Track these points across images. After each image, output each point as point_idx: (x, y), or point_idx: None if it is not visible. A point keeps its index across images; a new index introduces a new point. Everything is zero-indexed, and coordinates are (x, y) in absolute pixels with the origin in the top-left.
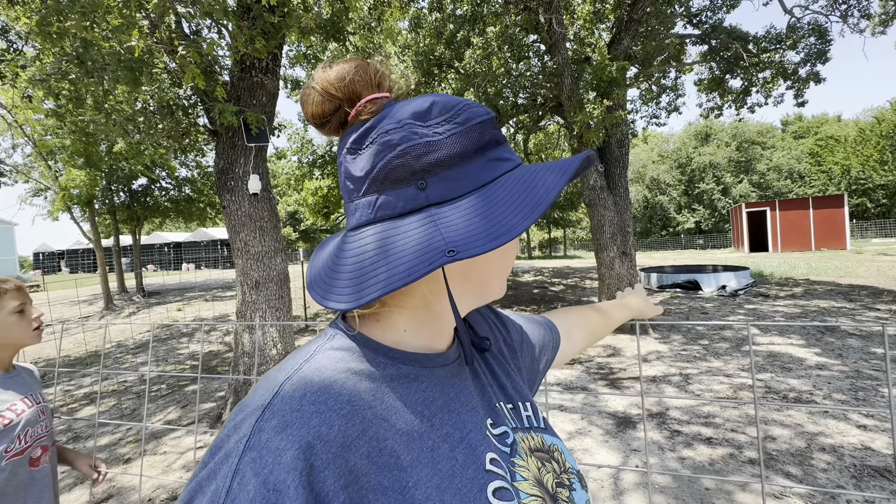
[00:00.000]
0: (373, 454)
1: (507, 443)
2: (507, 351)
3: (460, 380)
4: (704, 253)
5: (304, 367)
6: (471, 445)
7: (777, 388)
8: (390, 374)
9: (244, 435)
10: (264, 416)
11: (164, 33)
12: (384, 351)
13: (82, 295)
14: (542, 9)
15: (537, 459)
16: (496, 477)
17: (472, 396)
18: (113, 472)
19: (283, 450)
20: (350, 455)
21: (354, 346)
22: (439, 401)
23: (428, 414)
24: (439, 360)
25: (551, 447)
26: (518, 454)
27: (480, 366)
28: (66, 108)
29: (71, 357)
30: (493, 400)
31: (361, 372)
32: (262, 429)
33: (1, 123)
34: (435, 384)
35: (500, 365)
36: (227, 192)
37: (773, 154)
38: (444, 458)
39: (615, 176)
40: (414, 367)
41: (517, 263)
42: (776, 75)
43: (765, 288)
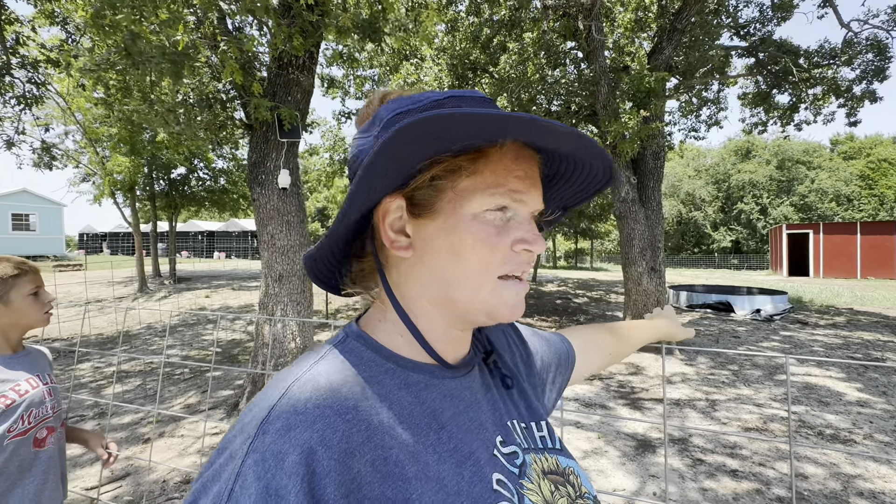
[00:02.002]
0: (377, 462)
1: (517, 463)
2: (523, 368)
3: (471, 393)
4: (739, 273)
5: (313, 368)
6: (478, 463)
7: (812, 423)
8: (399, 381)
9: (248, 437)
10: (269, 419)
11: (208, 28)
12: (395, 358)
13: (120, 276)
14: (581, 15)
15: (551, 483)
16: (503, 498)
17: (483, 412)
18: (132, 450)
19: (286, 454)
20: (353, 462)
21: (366, 351)
22: (448, 413)
23: (436, 426)
24: (450, 372)
25: (566, 470)
26: (527, 476)
27: (494, 381)
28: (115, 97)
29: (103, 335)
30: (504, 417)
31: (371, 378)
32: (267, 431)
33: (55, 110)
34: (444, 395)
35: (515, 382)
36: (257, 185)
37: (819, 175)
38: (449, 474)
39: (648, 189)
40: (424, 376)
41: (541, 273)
42: (828, 92)
43: (803, 315)
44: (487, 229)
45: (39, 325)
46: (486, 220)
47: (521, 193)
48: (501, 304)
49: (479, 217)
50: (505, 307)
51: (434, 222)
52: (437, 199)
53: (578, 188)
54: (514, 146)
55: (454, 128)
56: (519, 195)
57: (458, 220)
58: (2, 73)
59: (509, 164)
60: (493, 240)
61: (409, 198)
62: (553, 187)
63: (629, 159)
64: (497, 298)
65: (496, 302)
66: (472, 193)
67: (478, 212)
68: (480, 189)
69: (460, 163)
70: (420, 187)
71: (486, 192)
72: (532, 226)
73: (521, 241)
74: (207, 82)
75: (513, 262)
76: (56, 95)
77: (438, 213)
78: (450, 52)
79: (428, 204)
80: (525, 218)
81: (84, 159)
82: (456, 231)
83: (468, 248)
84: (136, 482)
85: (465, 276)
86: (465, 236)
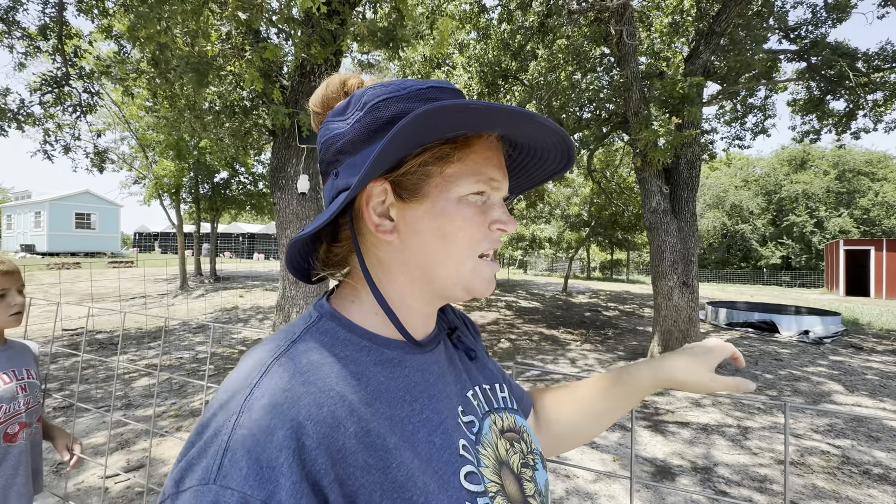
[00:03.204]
0: (360, 434)
1: (473, 431)
2: (476, 342)
3: (439, 367)
4: (790, 291)
5: (291, 348)
6: (447, 431)
7: (857, 459)
8: (374, 358)
9: (233, 412)
10: (253, 395)
11: (237, 38)
12: (368, 336)
13: (166, 274)
14: (613, 20)
15: (507, 441)
16: (467, 462)
17: (448, 384)
18: (149, 443)
19: (275, 428)
20: (339, 434)
21: (341, 330)
22: (420, 386)
23: (409, 398)
24: (420, 348)
25: (521, 428)
26: (482, 442)
27: (458, 354)
28: (162, 104)
29: (142, 330)
30: (465, 388)
31: (348, 356)
32: (252, 407)
33: (112, 116)
34: (416, 370)
35: (473, 346)
36: (278, 190)
37: (884, 187)
38: (423, 442)
39: (682, 199)
40: (397, 352)
41: (572, 283)
42: (890, 97)
43: (859, 339)
44: (472, 210)
45: (6, 326)
46: (469, 202)
47: (497, 181)
48: (479, 279)
49: (464, 200)
50: (482, 282)
51: (422, 206)
52: (426, 183)
53: (533, 175)
54: (493, 137)
55: (461, 117)
56: (495, 182)
57: (445, 203)
58: (61, 84)
59: (489, 153)
60: (478, 218)
61: (396, 182)
62: (514, 173)
63: (661, 168)
64: (476, 275)
65: (475, 277)
66: (458, 178)
67: (462, 195)
68: (465, 175)
69: (448, 150)
70: (409, 172)
71: (470, 178)
72: (504, 208)
73: (497, 221)
74: (232, 90)
75: (490, 241)
76: (111, 104)
77: (426, 197)
78: (481, 60)
79: (415, 189)
80: (498, 201)
81: (136, 163)
82: (444, 213)
83: (456, 228)
84: (149, 474)
85: (450, 255)
86: (453, 217)
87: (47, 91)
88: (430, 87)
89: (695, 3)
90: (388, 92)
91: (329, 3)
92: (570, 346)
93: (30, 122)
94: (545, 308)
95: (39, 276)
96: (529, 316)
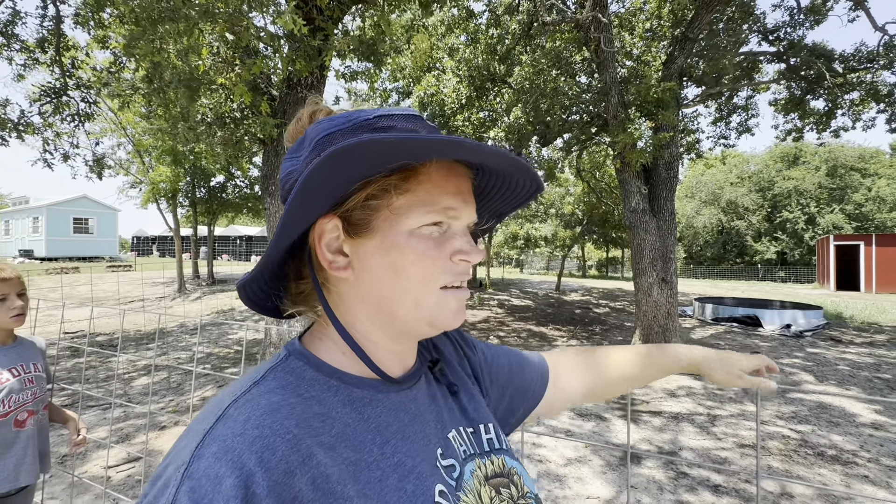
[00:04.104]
0: (318, 480)
1: (454, 476)
2: (471, 372)
3: (416, 406)
4: (782, 287)
5: (252, 389)
6: (421, 476)
7: (815, 442)
8: (342, 398)
9: (182, 462)
10: (204, 442)
11: (226, 53)
12: (338, 375)
13: (164, 278)
14: (591, 27)
15: (492, 488)
16: None
17: (427, 424)
18: (148, 436)
19: (222, 477)
20: (294, 481)
21: (307, 369)
22: (393, 426)
23: (380, 441)
24: (395, 386)
25: (511, 470)
26: (463, 489)
27: (440, 389)
28: (156, 113)
29: (141, 332)
30: (446, 429)
31: (312, 396)
32: (202, 455)
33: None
34: (389, 409)
35: (462, 386)
36: (268, 196)
37: (876, 182)
38: (392, 489)
39: (661, 199)
40: (368, 391)
41: (566, 281)
42: (867, 97)
43: (840, 331)
44: (426, 243)
45: (8, 326)
46: (422, 234)
47: (454, 210)
48: (445, 312)
49: (416, 233)
50: (448, 314)
51: (372, 241)
52: (374, 217)
53: (509, 198)
54: (446, 164)
55: (384, 150)
56: (452, 211)
57: (395, 237)
58: (60, 95)
59: (441, 181)
60: (433, 252)
61: (345, 218)
62: (486, 199)
63: (639, 169)
64: (441, 308)
65: (440, 311)
66: (408, 210)
67: (414, 227)
68: (415, 206)
69: (393, 181)
70: (355, 207)
71: (421, 208)
72: (468, 237)
73: (458, 252)
74: (223, 102)
75: (452, 273)
76: (108, 111)
77: (375, 232)
78: (469, 64)
79: (364, 223)
80: (460, 230)
81: (133, 168)
82: (395, 248)
83: (409, 263)
84: (148, 464)
85: (406, 291)
86: (405, 252)
87: (46, 101)
88: (378, 115)
89: (671, 11)
90: (332, 126)
91: (311, 21)
92: (556, 342)
93: (29, 131)
94: (537, 306)
95: (39, 280)
96: (520, 314)
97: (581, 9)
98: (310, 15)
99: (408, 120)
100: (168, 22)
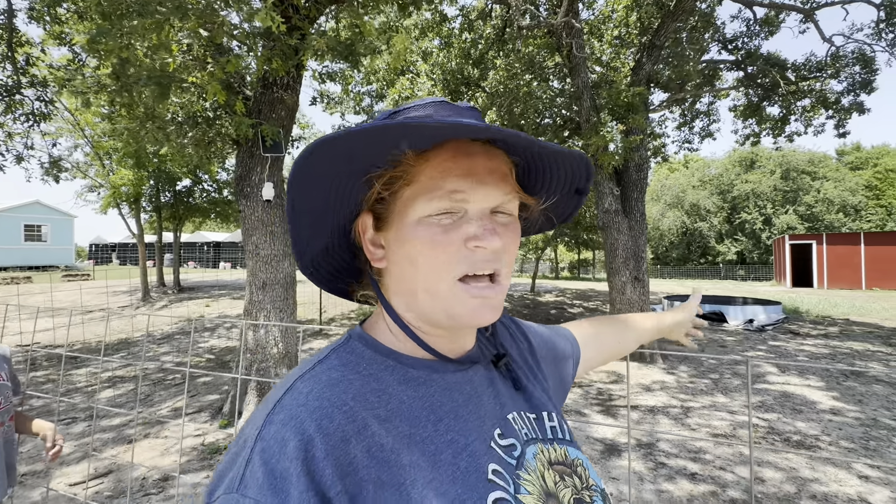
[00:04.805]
0: (373, 449)
1: (514, 455)
2: (530, 360)
3: (472, 387)
4: (743, 285)
5: (316, 367)
6: (474, 454)
7: (781, 429)
8: (398, 377)
9: (257, 427)
10: (275, 410)
11: (198, 51)
12: (394, 356)
13: (126, 286)
14: (564, 32)
15: (555, 473)
16: (497, 488)
17: (483, 405)
18: (116, 450)
19: (287, 440)
20: (349, 448)
21: (366, 350)
22: (446, 406)
23: (433, 419)
24: (451, 367)
25: (574, 461)
26: (524, 467)
27: (500, 374)
28: (119, 113)
29: (102, 342)
30: (505, 409)
31: (370, 374)
32: (272, 421)
33: (66, 123)
34: (443, 389)
35: (524, 374)
36: (243, 198)
37: (824, 185)
38: (445, 463)
39: (632, 200)
40: (423, 371)
41: (540, 283)
42: (816, 104)
43: (797, 325)
44: (433, 230)
45: None
46: (430, 222)
47: (462, 192)
48: (461, 306)
49: (424, 221)
50: (465, 310)
51: (390, 233)
52: (388, 211)
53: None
54: (452, 145)
55: (354, 146)
56: (460, 194)
57: (405, 228)
58: (12, 93)
59: (446, 164)
60: (440, 238)
61: (373, 212)
62: (543, 175)
63: (611, 171)
64: (456, 301)
65: (455, 304)
66: (414, 200)
67: (422, 216)
68: (420, 195)
69: (395, 174)
70: (375, 202)
71: (424, 196)
72: (486, 221)
73: (471, 237)
74: (195, 101)
75: (468, 261)
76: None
77: (391, 224)
78: (444, 67)
79: (383, 217)
80: (476, 214)
81: (91, 171)
82: (406, 239)
83: (418, 253)
84: (117, 479)
85: (421, 280)
86: (413, 242)
87: None
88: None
89: (638, 19)
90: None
91: (289, 20)
92: None
93: None
94: (513, 307)
95: None
96: None
97: (554, 14)
98: (286, 13)
99: (424, 108)
100: (137, 17)
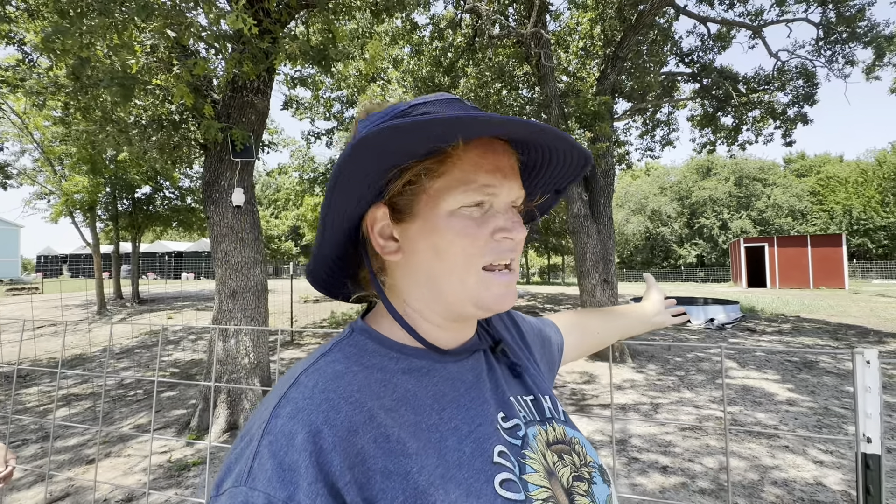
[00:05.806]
0: (379, 440)
1: (519, 435)
2: (522, 345)
3: (474, 375)
4: (703, 286)
5: (319, 360)
6: (479, 439)
7: (743, 420)
8: (402, 367)
9: (263, 421)
10: (280, 404)
11: (163, 53)
12: (398, 347)
13: (80, 299)
14: (533, 42)
15: (555, 453)
16: (503, 469)
17: (485, 390)
18: (74, 471)
19: (295, 433)
20: (356, 439)
21: (370, 342)
22: (450, 395)
23: (437, 407)
24: (452, 357)
25: (572, 440)
26: (529, 447)
27: (498, 360)
28: (74, 115)
29: (55, 359)
30: (506, 393)
31: (373, 365)
32: (279, 415)
33: (12, 127)
34: (446, 378)
35: (518, 359)
36: (211, 204)
37: (774, 191)
38: (451, 450)
39: (600, 205)
40: (426, 361)
41: None
42: (765, 115)
43: (753, 323)
44: (465, 222)
45: None
46: (462, 214)
47: (492, 187)
48: (487, 294)
49: (456, 213)
50: (491, 297)
51: (415, 224)
52: (415, 202)
53: (560, 172)
54: (481, 142)
55: (402, 138)
56: (491, 188)
57: (436, 220)
58: None
59: (477, 159)
60: (472, 230)
61: (391, 205)
62: (537, 174)
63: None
64: (483, 289)
65: (482, 292)
66: (446, 192)
67: (454, 208)
68: (453, 187)
69: (428, 165)
70: (398, 194)
71: (458, 189)
72: (510, 214)
73: (500, 229)
74: (160, 104)
75: (495, 252)
76: (11, 114)
77: (418, 216)
78: (415, 75)
79: (407, 208)
80: (502, 207)
81: (41, 178)
82: (436, 230)
83: (448, 243)
84: (75, 501)
85: (449, 271)
86: (444, 233)
87: None
88: (413, 104)
89: (602, 31)
90: (371, 122)
91: (260, 23)
92: None
93: None
94: None
95: None
96: None
97: (523, 25)
98: (257, 16)
99: (444, 104)
100: (98, 16)
